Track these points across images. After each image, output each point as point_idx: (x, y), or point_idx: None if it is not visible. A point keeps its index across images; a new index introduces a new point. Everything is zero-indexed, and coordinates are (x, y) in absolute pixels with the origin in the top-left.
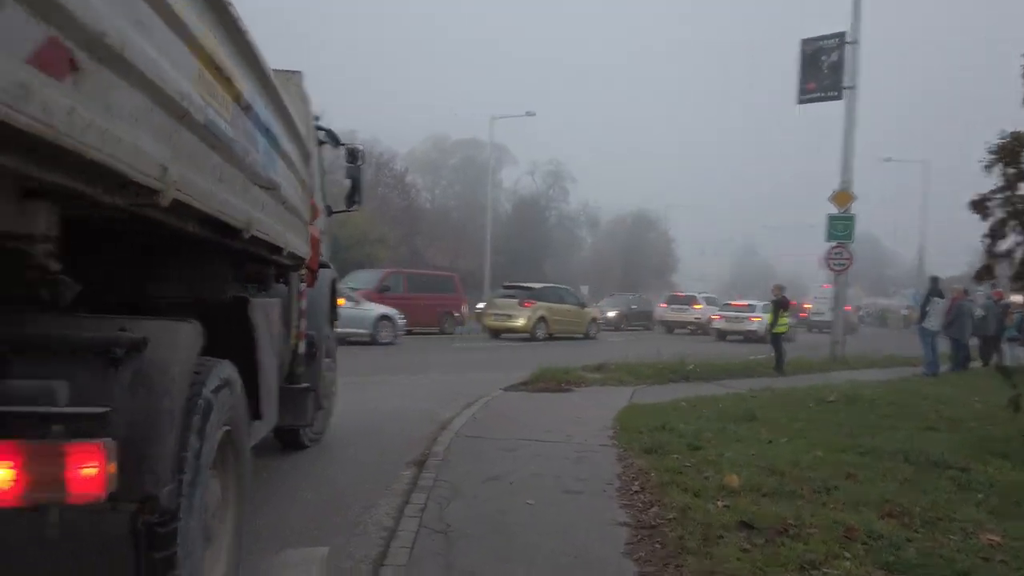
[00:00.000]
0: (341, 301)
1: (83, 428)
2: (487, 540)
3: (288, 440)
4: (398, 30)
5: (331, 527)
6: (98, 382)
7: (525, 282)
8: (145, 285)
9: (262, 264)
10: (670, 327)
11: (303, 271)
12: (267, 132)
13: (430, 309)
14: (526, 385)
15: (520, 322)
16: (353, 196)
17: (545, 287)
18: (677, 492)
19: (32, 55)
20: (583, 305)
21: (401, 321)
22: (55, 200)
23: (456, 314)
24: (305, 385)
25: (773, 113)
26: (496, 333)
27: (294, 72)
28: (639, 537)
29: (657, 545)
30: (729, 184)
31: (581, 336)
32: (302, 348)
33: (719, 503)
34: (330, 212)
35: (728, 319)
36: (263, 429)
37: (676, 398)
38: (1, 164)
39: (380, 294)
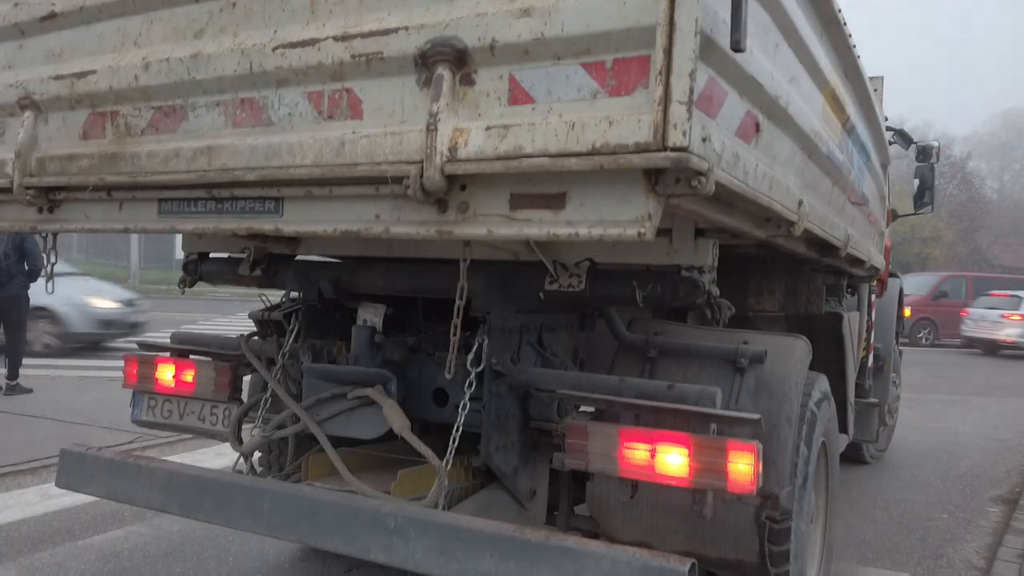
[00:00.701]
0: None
1: (736, 430)
2: None
3: (850, 454)
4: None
5: (908, 552)
6: (728, 387)
7: None
8: (746, 299)
9: (838, 276)
10: None
11: (874, 282)
12: (862, 148)
13: None
14: None
15: None
16: (923, 197)
17: None
18: None
19: (738, 128)
20: None
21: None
22: (716, 237)
23: None
24: (873, 400)
25: None
26: None
27: (876, 78)
28: None
29: None
30: None
31: None
32: (870, 361)
33: None
34: (895, 216)
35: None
36: (843, 444)
37: None
38: (697, 212)
39: (934, 301)
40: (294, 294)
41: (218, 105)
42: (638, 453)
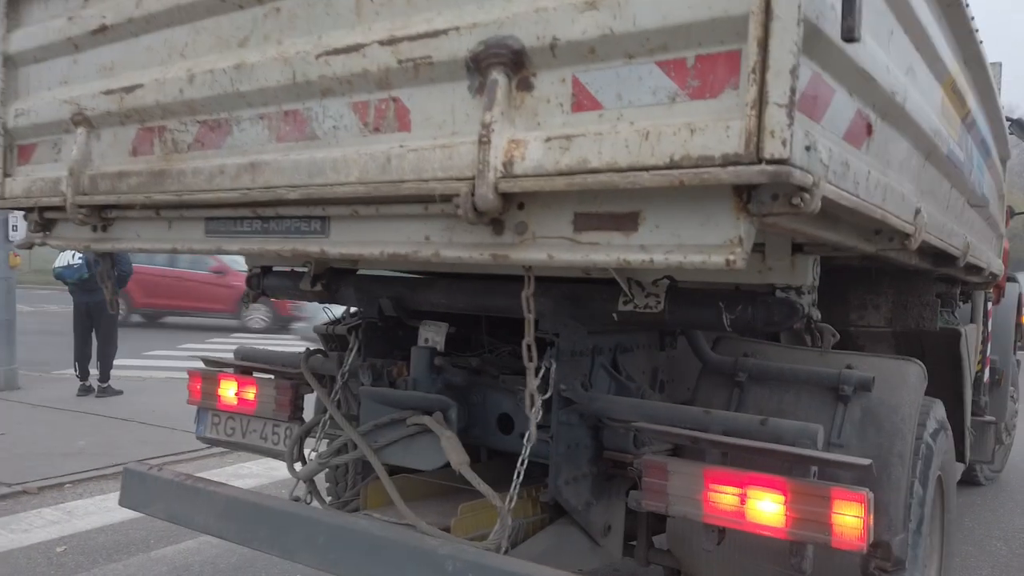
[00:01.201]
0: None
1: (842, 473)
2: None
3: (963, 476)
4: None
5: None
6: (828, 417)
7: None
8: (848, 313)
9: (951, 285)
10: None
11: (991, 289)
12: (982, 144)
13: None
14: None
15: None
16: None
17: None
18: None
19: (847, 132)
20: None
21: None
22: (817, 252)
23: None
24: (989, 418)
25: None
26: None
27: (995, 64)
28: None
29: None
30: None
31: None
32: (985, 376)
33: None
34: (1013, 214)
35: None
36: (960, 473)
37: None
38: (796, 229)
39: None
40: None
41: (262, 119)
42: (726, 497)
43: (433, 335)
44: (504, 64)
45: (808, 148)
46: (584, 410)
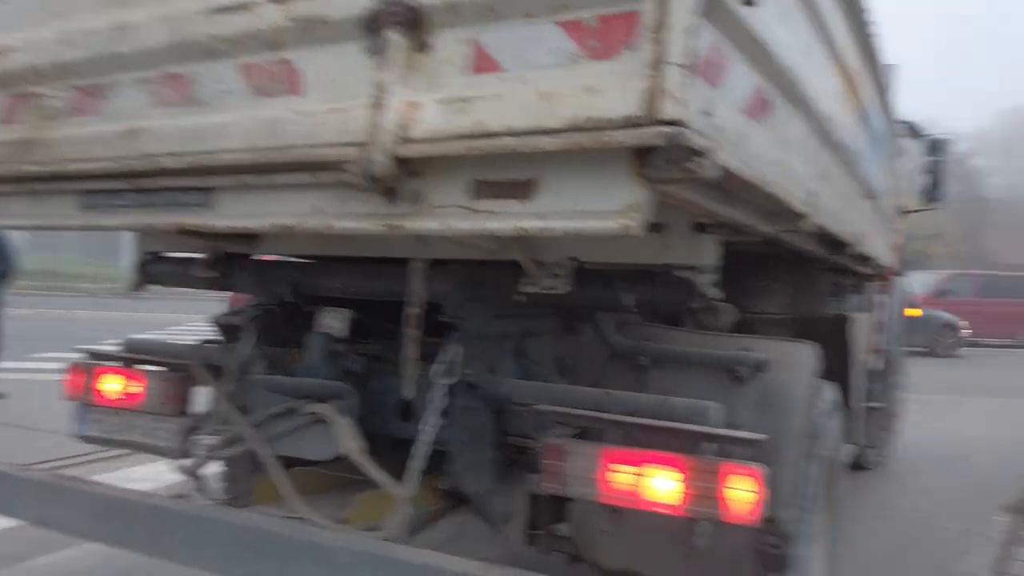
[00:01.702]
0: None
1: (737, 450)
2: None
3: (852, 462)
4: None
5: (915, 568)
6: (725, 398)
7: None
8: (745, 300)
9: (843, 275)
10: None
11: (881, 280)
12: (876, 138)
13: (1005, 318)
14: None
15: None
16: (932, 192)
17: None
18: None
19: (745, 104)
20: None
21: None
22: (718, 233)
23: None
24: (876, 404)
25: None
26: None
27: (890, 67)
28: None
29: None
30: None
31: None
32: (876, 364)
33: None
34: (904, 212)
35: None
36: (849, 454)
37: None
38: (694, 202)
39: (938, 298)
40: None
41: (143, 83)
42: (623, 477)
43: (333, 321)
44: (401, 23)
45: (706, 112)
46: (489, 395)
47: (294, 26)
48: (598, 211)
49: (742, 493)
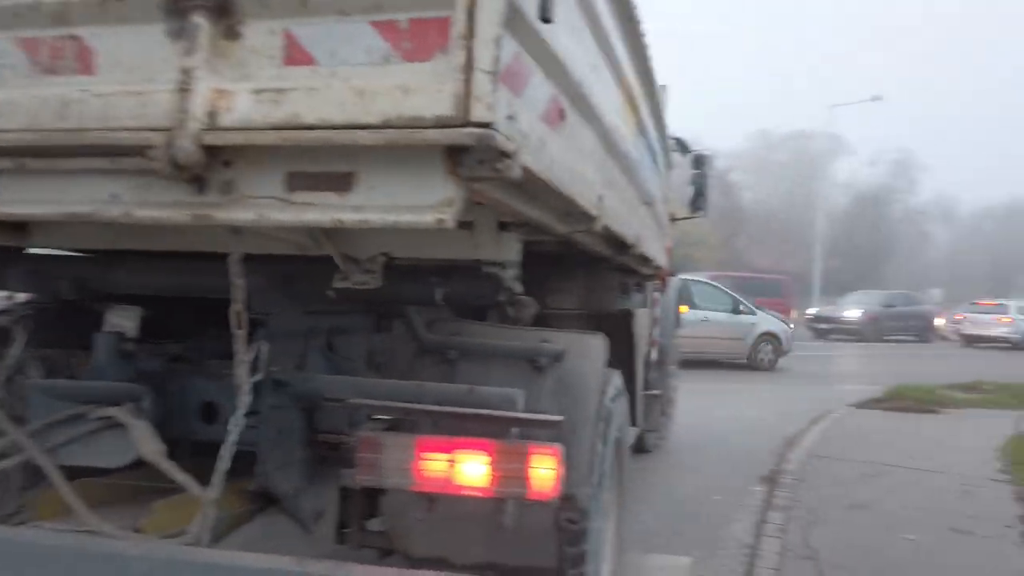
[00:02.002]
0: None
1: (538, 433)
2: (864, 575)
3: (633, 444)
4: (720, 19)
5: (689, 536)
6: (528, 387)
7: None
8: (544, 298)
9: (627, 275)
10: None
11: (657, 280)
12: (651, 150)
13: None
14: (879, 403)
15: None
16: (697, 202)
17: None
18: None
19: (543, 112)
20: None
21: None
22: (521, 232)
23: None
24: (655, 391)
25: None
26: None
27: (661, 86)
28: None
29: None
30: None
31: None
32: (654, 355)
33: None
34: (674, 219)
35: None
36: (633, 437)
37: None
38: (500, 201)
39: None
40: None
41: None
42: (436, 464)
43: (123, 320)
44: (208, 8)
45: (510, 117)
46: (297, 392)
47: (83, 2)
48: (414, 206)
49: (544, 471)
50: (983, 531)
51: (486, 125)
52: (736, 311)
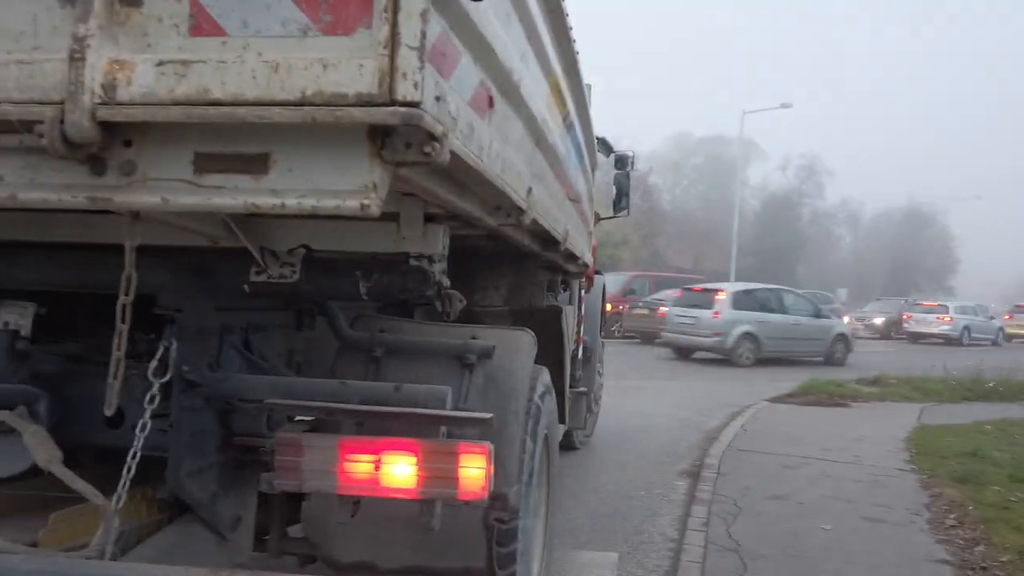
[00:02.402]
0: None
1: (467, 431)
2: (786, 564)
3: (561, 442)
4: (639, 27)
5: (616, 531)
6: (456, 384)
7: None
8: (473, 295)
9: (554, 272)
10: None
11: (583, 278)
12: (578, 147)
13: None
14: (793, 397)
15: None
16: (620, 202)
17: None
18: (1007, 530)
19: (472, 98)
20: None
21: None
22: (447, 223)
23: None
24: (582, 389)
25: None
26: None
27: (587, 85)
28: None
29: None
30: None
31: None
32: (580, 352)
33: None
34: (599, 219)
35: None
36: (561, 434)
37: (977, 420)
38: (428, 190)
39: (625, 297)
40: None
41: None
42: (361, 466)
43: (14, 317)
44: None
45: (438, 99)
46: (211, 393)
47: None
48: (335, 190)
49: (473, 471)
50: (893, 519)
51: (413, 104)
52: (818, 315)
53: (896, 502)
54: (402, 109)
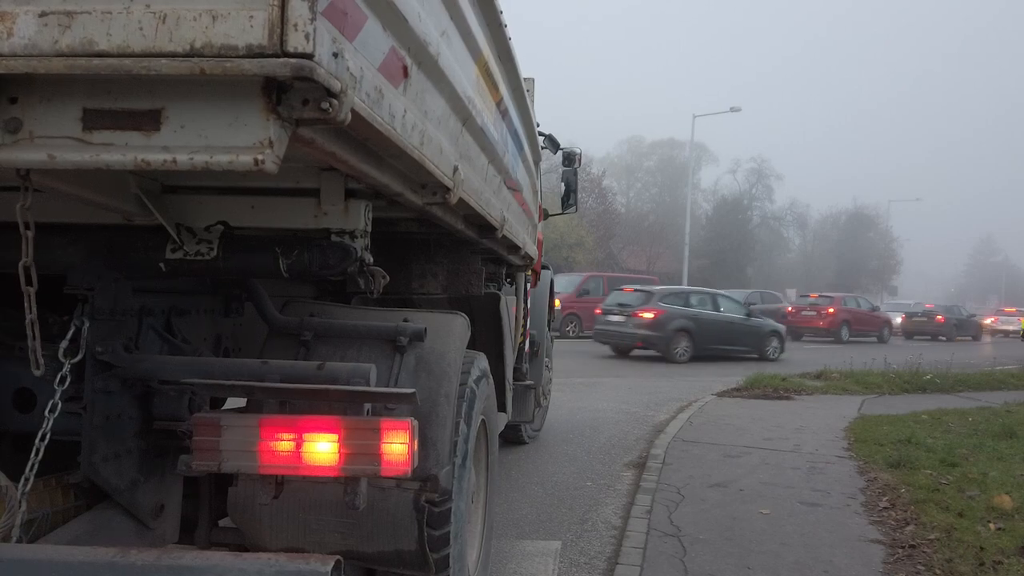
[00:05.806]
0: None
1: (391, 407)
2: (723, 547)
3: (510, 436)
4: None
5: (560, 521)
6: (387, 366)
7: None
8: (410, 282)
9: (497, 264)
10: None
11: (529, 272)
12: (515, 136)
13: None
14: (739, 391)
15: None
16: (568, 199)
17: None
18: (936, 511)
19: (382, 64)
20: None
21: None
22: (370, 199)
23: None
24: (529, 382)
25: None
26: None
27: (529, 79)
28: (896, 557)
29: (920, 567)
30: (965, 176)
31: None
32: (526, 346)
33: (991, 525)
34: (546, 215)
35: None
36: (503, 423)
37: (914, 410)
38: (339, 157)
39: (579, 298)
40: None
41: None
42: (282, 444)
43: None
44: None
45: (336, 55)
46: (127, 375)
47: None
48: (228, 146)
49: (395, 447)
50: (829, 503)
51: (305, 56)
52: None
53: (833, 487)
54: (293, 60)
